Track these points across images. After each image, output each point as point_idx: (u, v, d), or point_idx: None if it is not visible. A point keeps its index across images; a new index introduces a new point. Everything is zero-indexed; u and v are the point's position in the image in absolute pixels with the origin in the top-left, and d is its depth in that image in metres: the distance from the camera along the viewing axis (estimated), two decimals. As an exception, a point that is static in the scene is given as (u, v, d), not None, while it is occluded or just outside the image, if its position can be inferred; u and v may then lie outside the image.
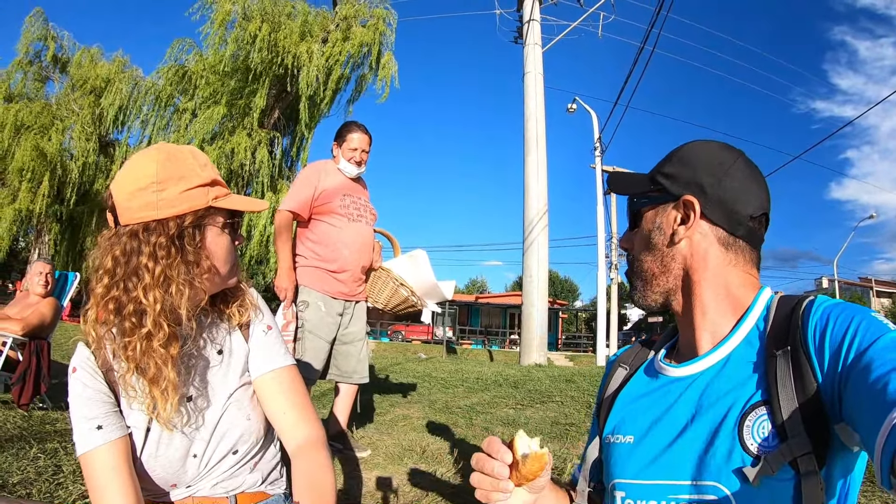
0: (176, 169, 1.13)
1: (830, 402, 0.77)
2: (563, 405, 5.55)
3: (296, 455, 1.23)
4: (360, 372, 3.75)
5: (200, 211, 1.15)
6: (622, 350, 1.22)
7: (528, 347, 14.45)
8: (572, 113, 21.89)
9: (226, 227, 1.21)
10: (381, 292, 3.77)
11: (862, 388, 0.70)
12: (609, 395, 1.13)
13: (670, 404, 0.96)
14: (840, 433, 0.77)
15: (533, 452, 0.82)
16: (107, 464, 1.11)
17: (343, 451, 3.50)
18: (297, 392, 1.32)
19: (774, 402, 0.81)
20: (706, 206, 0.97)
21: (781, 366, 0.83)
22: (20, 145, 14.98)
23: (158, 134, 14.34)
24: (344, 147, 3.67)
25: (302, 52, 13.65)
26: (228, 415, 1.25)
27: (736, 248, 0.97)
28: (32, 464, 2.83)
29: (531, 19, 16.73)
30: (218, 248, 1.19)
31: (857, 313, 0.80)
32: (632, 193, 1.10)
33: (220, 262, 1.20)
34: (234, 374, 1.29)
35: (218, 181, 1.20)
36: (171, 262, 1.11)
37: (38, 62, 17.25)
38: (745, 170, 0.98)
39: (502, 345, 35.99)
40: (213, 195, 1.17)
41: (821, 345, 0.80)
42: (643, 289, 1.06)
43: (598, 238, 20.45)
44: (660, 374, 1.03)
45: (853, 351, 0.75)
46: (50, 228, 17.29)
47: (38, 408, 4.38)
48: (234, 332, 1.32)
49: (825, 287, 42.51)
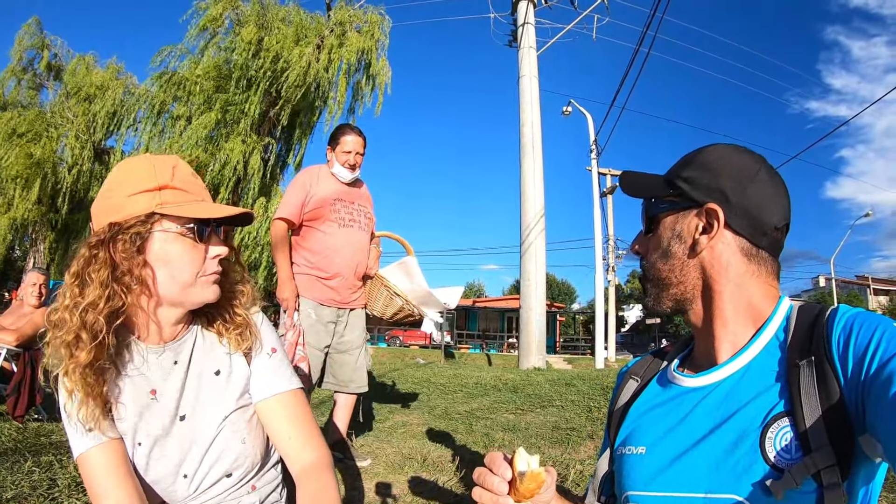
0: (126, 176, 1.13)
1: (854, 412, 0.75)
2: (564, 409, 5.52)
3: (301, 478, 1.20)
4: (358, 381, 3.70)
5: (142, 217, 1.10)
6: (633, 361, 1.20)
7: (526, 351, 14.42)
8: (567, 115, 21.93)
9: (186, 234, 1.14)
10: (377, 301, 3.73)
11: (885, 398, 0.69)
12: (620, 407, 1.10)
13: (686, 414, 0.94)
14: (863, 444, 0.75)
15: (530, 471, 0.81)
16: (101, 463, 1.10)
17: (343, 461, 3.46)
18: (302, 416, 1.28)
19: (798, 412, 0.78)
20: (730, 214, 0.93)
21: (805, 376, 0.80)
22: (14, 153, 14.94)
23: (152, 141, 14.28)
24: (337, 150, 3.62)
25: (295, 57, 13.62)
26: (222, 437, 1.22)
27: (759, 259, 0.95)
28: (27, 478, 2.78)
29: (525, 23, 16.73)
30: (168, 255, 1.12)
31: (881, 323, 0.78)
32: (647, 197, 1.06)
33: (171, 270, 1.13)
34: (232, 396, 1.25)
35: (170, 186, 1.13)
36: (96, 266, 1.08)
37: (32, 70, 17.27)
38: (770, 177, 0.95)
39: (500, 348, 35.97)
40: (160, 201, 1.11)
41: (844, 353, 0.79)
42: (657, 295, 1.03)
43: (596, 240, 20.45)
44: (674, 385, 1.00)
45: (876, 361, 0.74)
46: (45, 237, 17.24)
47: (34, 419, 4.33)
48: (236, 354, 1.28)
49: (822, 286, 42.57)
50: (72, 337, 1.06)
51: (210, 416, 1.21)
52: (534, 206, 15.03)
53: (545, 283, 15.36)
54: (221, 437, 1.22)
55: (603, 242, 21.29)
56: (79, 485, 2.74)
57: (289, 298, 3.46)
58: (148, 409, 1.18)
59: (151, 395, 1.19)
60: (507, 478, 0.83)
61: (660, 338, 51.02)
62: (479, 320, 42.41)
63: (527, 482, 0.81)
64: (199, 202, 1.17)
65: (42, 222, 16.35)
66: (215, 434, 1.21)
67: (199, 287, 1.16)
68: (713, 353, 0.96)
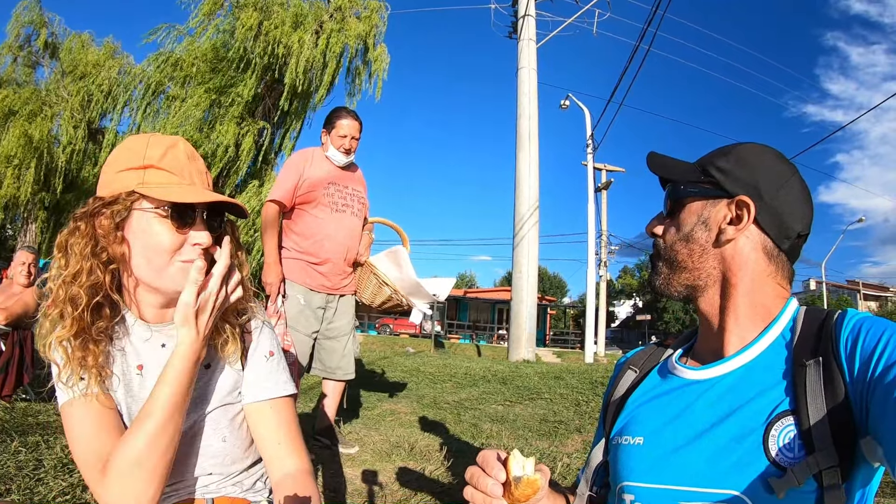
0: (120, 152, 1.14)
1: (858, 414, 0.77)
2: (552, 402, 5.55)
3: (281, 483, 1.19)
4: (345, 368, 3.69)
5: (123, 194, 1.09)
6: (633, 352, 1.20)
7: (516, 343, 14.48)
8: (565, 109, 21.92)
9: (164, 217, 1.10)
10: (366, 289, 3.71)
11: (888, 401, 0.70)
12: (618, 398, 1.10)
13: (687, 405, 0.94)
14: (864, 447, 0.76)
15: (525, 477, 0.80)
16: (87, 411, 1.08)
17: (331, 447, 3.47)
18: (292, 423, 1.27)
19: (802, 411, 0.79)
20: (760, 211, 0.94)
21: (812, 376, 0.81)
22: (8, 132, 14.78)
23: (146, 121, 14.17)
24: (333, 134, 3.59)
25: (294, 42, 13.53)
26: (202, 432, 1.20)
27: (778, 260, 0.96)
28: (13, 458, 2.78)
29: (526, 14, 16.69)
30: (143, 235, 1.10)
31: (888, 327, 0.80)
32: (677, 180, 1.05)
33: (145, 251, 1.10)
34: (218, 392, 1.23)
35: (156, 167, 1.12)
36: (77, 238, 1.09)
37: (29, 47, 17.02)
38: (801, 185, 0.97)
39: (490, 340, 36.07)
40: (142, 180, 1.10)
41: (851, 355, 0.80)
42: (669, 275, 1.03)
43: (589, 235, 20.48)
44: (675, 376, 1.01)
45: (882, 363, 0.75)
46: (36, 216, 17.10)
47: (21, 399, 4.32)
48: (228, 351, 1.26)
49: (813, 289, 42.89)
50: (58, 308, 1.07)
51: (192, 409, 1.18)
52: (528, 199, 15.04)
53: (537, 276, 15.40)
54: (200, 433, 1.20)
55: (596, 237, 21.33)
56: (65, 465, 2.74)
57: (273, 283, 3.44)
58: (134, 383, 1.17)
59: (138, 369, 1.18)
60: (500, 480, 0.82)
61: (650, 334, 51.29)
62: (470, 311, 42.45)
63: (522, 487, 0.80)
64: (185, 186, 1.14)
65: (34, 202, 16.20)
66: (194, 427, 1.19)
67: (175, 272, 1.11)
68: (720, 345, 0.97)
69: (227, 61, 13.90)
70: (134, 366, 1.18)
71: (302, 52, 13.49)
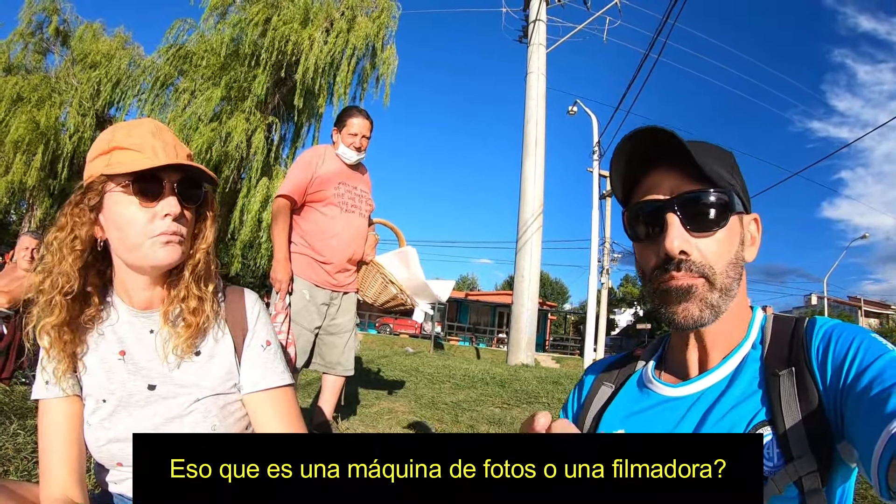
0: (95, 143, 1.17)
1: (834, 420, 0.78)
2: (550, 407, 5.55)
3: None
4: (345, 364, 3.70)
5: (95, 180, 1.12)
6: (602, 364, 1.17)
7: (515, 347, 14.47)
8: (573, 115, 21.89)
9: (129, 192, 1.10)
10: (371, 287, 3.73)
11: (861, 405, 0.71)
12: (595, 414, 1.06)
13: (674, 424, 0.92)
14: (841, 451, 0.78)
15: None
16: (54, 419, 1.15)
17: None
18: (291, 413, 1.28)
19: (779, 421, 0.80)
20: None
21: (786, 385, 0.82)
22: (16, 117, 14.83)
23: (154, 113, 14.21)
24: (344, 132, 3.61)
25: (304, 39, 13.56)
26: (191, 419, 1.19)
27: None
28: (12, 440, 2.79)
29: (537, 19, 16.71)
30: (117, 216, 1.11)
31: (858, 333, 0.81)
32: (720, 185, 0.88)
33: (119, 232, 1.12)
34: (209, 380, 1.22)
35: (119, 147, 1.12)
36: (59, 228, 1.12)
37: (41, 34, 17.05)
38: None
39: (490, 343, 36.06)
40: (108, 162, 1.12)
41: (823, 363, 0.81)
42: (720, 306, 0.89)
43: (592, 242, 20.44)
44: (654, 392, 0.99)
45: (854, 369, 0.76)
46: (42, 202, 17.15)
47: (21, 382, 4.33)
48: (223, 340, 1.26)
49: (814, 304, 42.80)
50: (45, 297, 1.10)
51: (180, 396, 1.19)
52: (532, 203, 15.04)
53: (539, 281, 15.39)
54: (190, 420, 1.19)
55: (599, 244, 21.28)
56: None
57: (283, 280, 3.43)
58: (114, 368, 1.18)
59: (120, 354, 1.19)
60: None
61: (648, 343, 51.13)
62: (471, 313, 42.40)
63: None
64: (146, 158, 1.12)
65: (40, 188, 16.25)
66: (183, 414, 1.19)
67: (149, 248, 1.11)
68: (702, 359, 0.96)
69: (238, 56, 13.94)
70: (116, 351, 1.19)
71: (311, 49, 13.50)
